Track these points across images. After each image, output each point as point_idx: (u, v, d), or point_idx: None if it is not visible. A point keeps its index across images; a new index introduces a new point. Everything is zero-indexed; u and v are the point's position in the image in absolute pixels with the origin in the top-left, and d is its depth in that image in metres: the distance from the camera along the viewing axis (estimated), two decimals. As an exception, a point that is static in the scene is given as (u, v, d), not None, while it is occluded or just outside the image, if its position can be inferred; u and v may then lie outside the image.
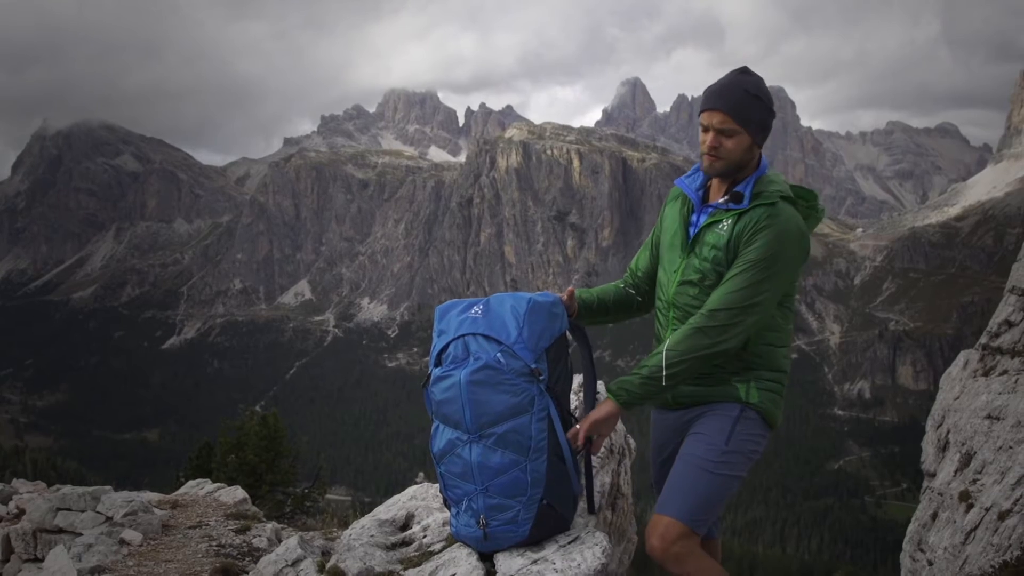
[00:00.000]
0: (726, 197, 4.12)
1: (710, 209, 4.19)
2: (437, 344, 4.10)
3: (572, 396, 4.52)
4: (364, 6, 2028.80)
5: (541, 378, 3.91)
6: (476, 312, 4.05)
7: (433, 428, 4.09)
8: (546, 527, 3.94)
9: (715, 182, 4.25)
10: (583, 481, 4.24)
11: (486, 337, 3.97)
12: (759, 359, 4.15)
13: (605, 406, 4.02)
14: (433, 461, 4.10)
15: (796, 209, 4.12)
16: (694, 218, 4.27)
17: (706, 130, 4.10)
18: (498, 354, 3.91)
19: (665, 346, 3.98)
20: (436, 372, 4.03)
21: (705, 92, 4.16)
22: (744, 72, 4.11)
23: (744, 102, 4.01)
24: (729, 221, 4.06)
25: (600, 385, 4.78)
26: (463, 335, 4.01)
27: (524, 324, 3.98)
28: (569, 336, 4.24)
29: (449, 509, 4.14)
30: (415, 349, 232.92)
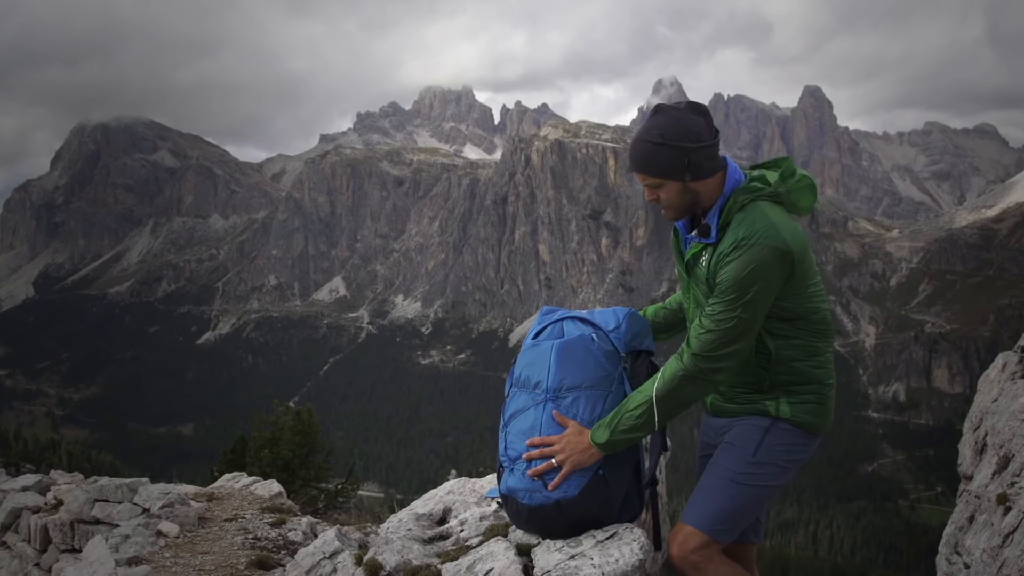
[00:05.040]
0: (696, 231, 4.05)
1: (691, 239, 4.13)
2: (534, 329, 4.25)
3: None
4: (422, 7, 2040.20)
5: (624, 366, 4.05)
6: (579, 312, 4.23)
7: (508, 400, 4.14)
8: (594, 497, 3.91)
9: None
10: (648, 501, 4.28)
11: (584, 321, 4.15)
12: (787, 376, 4.08)
13: (586, 446, 3.92)
14: (500, 426, 4.13)
15: (775, 206, 3.96)
16: (684, 246, 4.23)
17: None
18: (592, 333, 4.06)
19: (655, 395, 3.88)
20: (528, 343, 4.18)
21: None
22: (653, 114, 3.99)
23: (650, 154, 3.91)
24: (706, 256, 4.00)
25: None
26: (562, 319, 4.21)
27: (624, 321, 4.16)
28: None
29: (500, 474, 4.14)
30: (448, 347, 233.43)
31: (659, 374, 3.93)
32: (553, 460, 3.89)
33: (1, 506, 8.77)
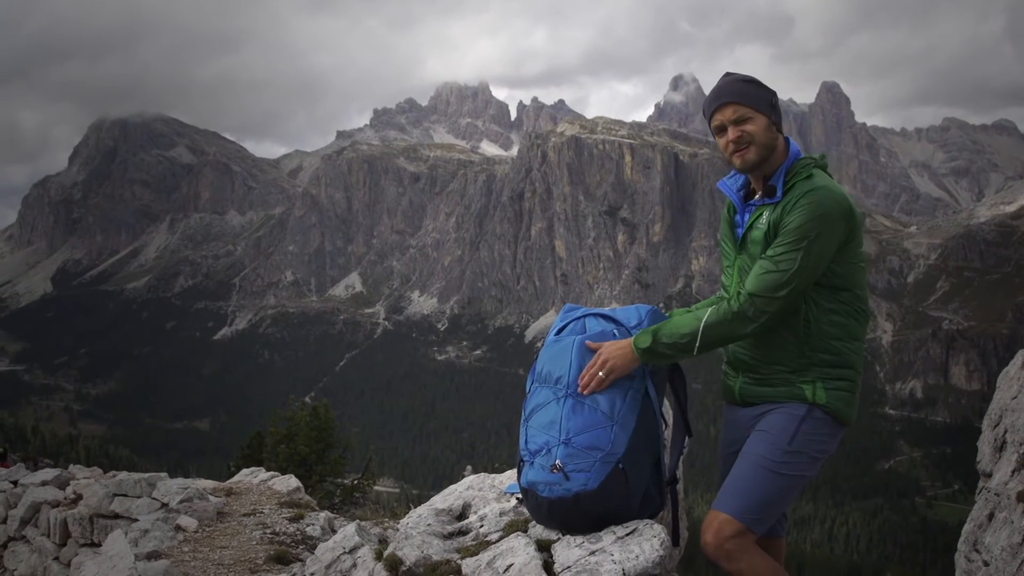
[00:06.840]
0: (761, 193, 4.16)
1: (752, 208, 4.21)
2: (556, 326, 4.29)
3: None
4: (447, 4, 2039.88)
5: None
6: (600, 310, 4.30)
7: (529, 395, 4.16)
8: (614, 489, 3.88)
9: (756, 180, 4.24)
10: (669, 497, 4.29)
11: (606, 318, 4.21)
12: (825, 355, 4.09)
13: (627, 350, 4.01)
14: (521, 420, 4.15)
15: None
16: (739, 218, 4.29)
17: (722, 130, 4.16)
18: (614, 329, 4.13)
19: (703, 322, 3.97)
20: (551, 339, 4.21)
21: (705, 102, 4.26)
22: (730, 73, 4.23)
23: (745, 88, 4.11)
24: (767, 214, 4.08)
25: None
26: (584, 316, 4.26)
27: (646, 318, 4.21)
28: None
29: (520, 468, 4.13)
30: (464, 342, 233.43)
31: (709, 309, 4.04)
32: (600, 373, 3.93)
33: (21, 500, 8.83)
